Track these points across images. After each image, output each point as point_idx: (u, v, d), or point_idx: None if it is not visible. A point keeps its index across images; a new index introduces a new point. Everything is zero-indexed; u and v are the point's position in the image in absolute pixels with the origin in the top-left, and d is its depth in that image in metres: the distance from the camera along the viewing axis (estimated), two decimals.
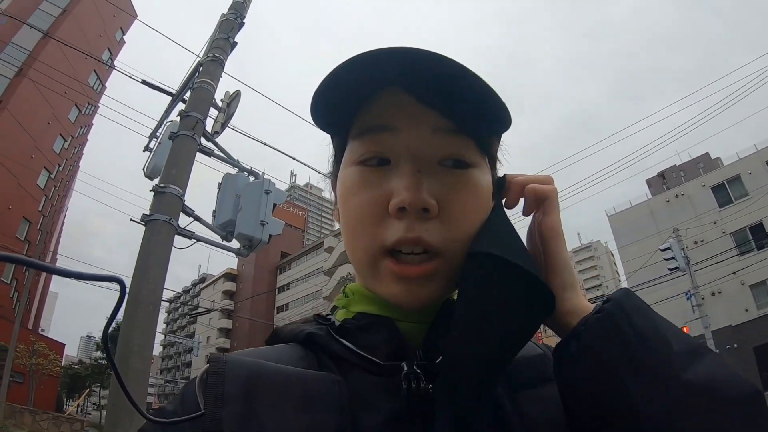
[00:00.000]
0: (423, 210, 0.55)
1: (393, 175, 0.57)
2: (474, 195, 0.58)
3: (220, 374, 0.51)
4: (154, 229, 4.33)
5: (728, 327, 22.60)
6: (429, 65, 0.53)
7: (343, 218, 0.62)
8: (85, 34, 30.67)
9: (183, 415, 0.51)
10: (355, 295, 0.65)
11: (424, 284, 0.56)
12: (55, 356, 28.09)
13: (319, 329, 0.62)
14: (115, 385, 3.77)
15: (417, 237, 0.55)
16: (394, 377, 0.54)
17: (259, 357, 0.56)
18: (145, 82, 6.20)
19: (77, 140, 36.50)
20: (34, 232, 28.89)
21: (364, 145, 0.59)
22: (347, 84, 0.56)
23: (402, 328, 0.59)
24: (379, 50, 0.53)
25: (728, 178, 25.73)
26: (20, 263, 0.39)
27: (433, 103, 0.57)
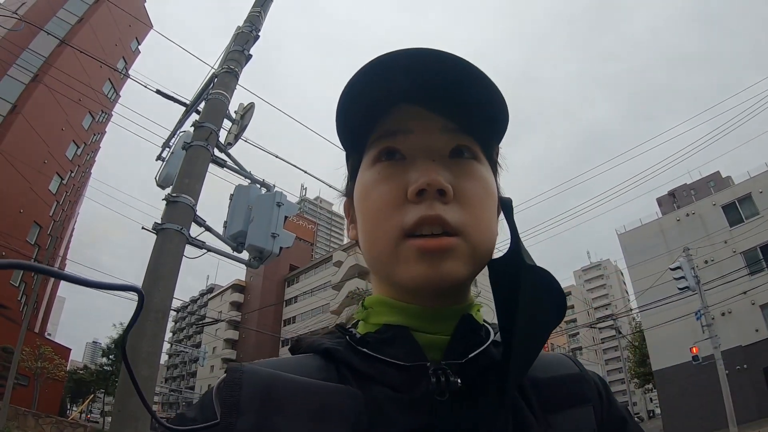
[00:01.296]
0: (439, 193, 0.57)
1: (409, 168, 0.60)
2: (482, 184, 0.62)
3: (236, 384, 0.52)
4: (166, 238, 4.35)
5: (738, 347, 22.33)
6: (434, 70, 0.57)
7: (362, 216, 0.64)
8: (100, 43, 31.09)
9: (201, 422, 0.52)
10: (374, 306, 0.65)
11: (445, 259, 0.57)
12: (61, 361, 28.19)
13: (339, 343, 0.62)
14: (121, 391, 3.77)
15: (437, 215, 0.56)
16: (413, 390, 0.55)
17: (277, 367, 0.57)
18: (159, 92, 6.27)
19: (90, 147, 36.84)
20: (45, 236, 29.09)
21: (381, 146, 0.62)
22: (361, 105, 0.60)
23: (422, 341, 0.60)
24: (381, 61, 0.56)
25: (739, 197, 25.54)
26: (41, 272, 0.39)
27: (440, 110, 0.61)
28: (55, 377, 27.55)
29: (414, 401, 0.54)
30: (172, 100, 6.23)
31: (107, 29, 33.33)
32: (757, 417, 20.51)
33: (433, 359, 0.58)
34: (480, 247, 0.59)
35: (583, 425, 0.60)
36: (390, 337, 0.60)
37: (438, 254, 0.56)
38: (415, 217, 0.57)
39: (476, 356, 0.59)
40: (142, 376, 3.82)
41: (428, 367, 0.56)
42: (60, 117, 29.67)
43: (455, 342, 0.60)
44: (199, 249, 4.84)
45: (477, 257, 0.59)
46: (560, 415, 0.59)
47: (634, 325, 39.18)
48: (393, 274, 0.60)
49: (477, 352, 0.60)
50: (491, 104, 0.60)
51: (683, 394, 23.83)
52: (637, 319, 35.62)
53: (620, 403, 0.69)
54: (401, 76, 0.57)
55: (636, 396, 59.13)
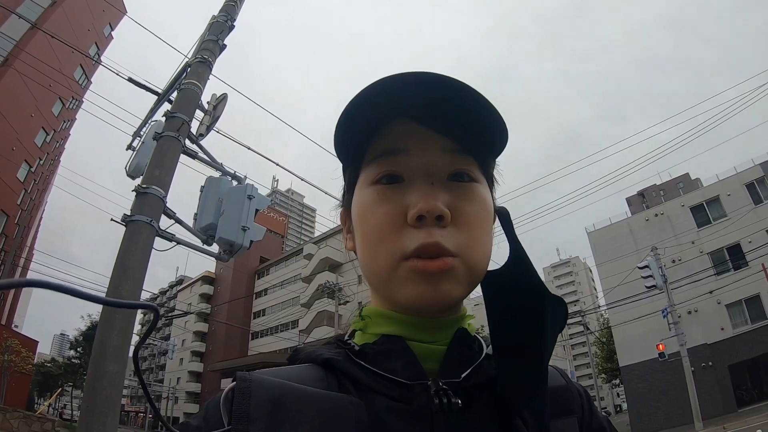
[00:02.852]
0: (438, 218, 0.58)
1: (408, 191, 0.61)
2: (480, 206, 0.64)
3: (246, 393, 0.53)
4: (135, 229, 4.27)
5: (704, 345, 22.92)
6: (435, 91, 0.59)
7: (361, 235, 0.65)
8: (73, 28, 30.31)
9: (207, 431, 0.53)
10: (372, 317, 0.67)
11: (443, 280, 0.58)
12: (28, 353, 27.62)
13: (338, 354, 0.64)
14: (90, 386, 3.69)
15: (436, 242, 0.58)
16: (413, 402, 0.57)
17: (281, 377, 0.58)
18: (131, 80, 6.14)
19: (60, 134, 35.98)
20: (12, 225, 28.41)
21: (379, 166, 0.63)
22: (361, 118, 0.61)
23: (418, 352, 0.62)
24: (389, 80, 0.58)
25: (707, 199, 26.17)
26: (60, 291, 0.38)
27: (439, 128, 0.62)
28: (22, 371, 26.98)
29: (413, 411, 0.56)
30: (144, 88, 6.11)
31: (80, 14, 32.50)
32: (722, 413, 21.10)
33: (429, 369, 0.60)
34: (475, 268, 0.62)
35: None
36: (387, 349, 0.62)
37: (436, 275, 0.58)
38: (415, 244, 0.58)
39: (471, 371, 0.61)
40: (111, 371, 3.74)
41: (429, 387, 0.57)
42: (29, 103, 28.89)
43: (451, 355, 0.62)
44: (169, 241, 4.78)
45: (472, 277, 0.62)
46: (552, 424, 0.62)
47: (602, 322, 39.85)
48: (392, 293, 0.62)
49: (472, 369, 0.62)
50: (490, 125, 0.62)
51: (650, 390, 24.39)
52: (605, 315, 36.24)
53: (601, 413, 0.72)
54: (403, 95, 0.58)
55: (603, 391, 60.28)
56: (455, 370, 0.61)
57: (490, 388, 0.62)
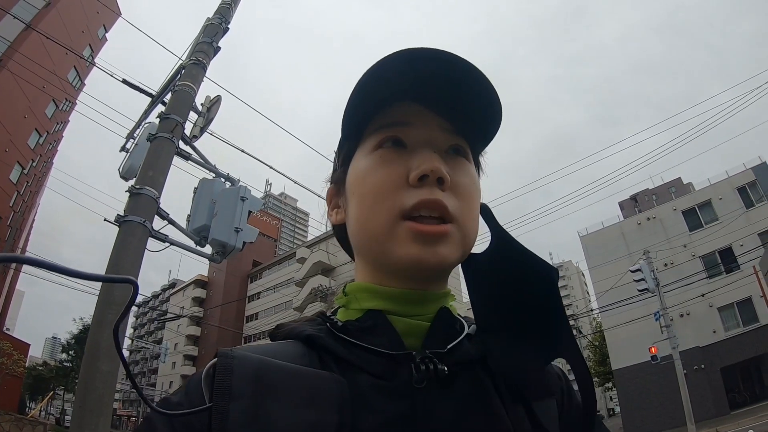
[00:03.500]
0: (438, 181, 0.61)
1: (411, 155, 0.63)
2: (473, 180, 0.67)
3: (228, 369, 0.52)
4: (128, 230, 4.28)
5: (696, 348, 23.01)
6: (436, 69, 0.61)
7: (359, 195, 0.65)
8: (67, 29, 30.18)
9: (188, 406, 0.52)
10: (356, 292, 0.68)
11: (441, 243, 0.60)
12: (20, 356, 27.34)
13: (320, 330, 0.64)
14: (83, 387, 3.69)
15: (438, 199, 0.60)
16: (394, 379, 0.57)
17: (264, 353, 0.58)
18: (125, 82, 6.14)
19: (53, 136, 35.77)
20: (4, 227, 28.21)
21: (382, 133, 0.65)
22: (366, 98, 0.63)
23: (401, 328, 0.62)
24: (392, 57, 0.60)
25: (699, 203, 26.31)
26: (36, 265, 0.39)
27: (439, 110, 0.65)
28: (13, 373, 26.72)
29: (395, 388, 0.56)
30: (138, 90, 6.11)
31: (74, 15, 32.36)
32: (714, 415, 21.19)
33: (411, 345, 0.61)
34: (469, 236, 0.64)
35: (548, 416, 0.64)
36: (370, 325, 0.62)
37: (434, 238, 0.60)
38: (416, 200, 0.60)
39: (453, 347, 0.62)
40: (103, 371, 3.74)
41: (414, 356, 0.58)
42: (23, 104, 28.71)
43: (434, 331, 0.63)
44: (162, 242, 4.78)
45: (466, 245, 0.64)
46: (527, 406, 0.62)
47: (595, 325, 39.90)
48: (387, 253, 0.62)
49: (455, 343, 0.62)
50: (488, 109, 0.65)
51: (642, 393, 24.43)
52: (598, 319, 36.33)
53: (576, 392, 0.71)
54: (407, 73, 0.61)
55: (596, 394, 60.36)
56: (438, 346, 0.61)
57: (470, 367, 0.62)
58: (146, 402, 0.54)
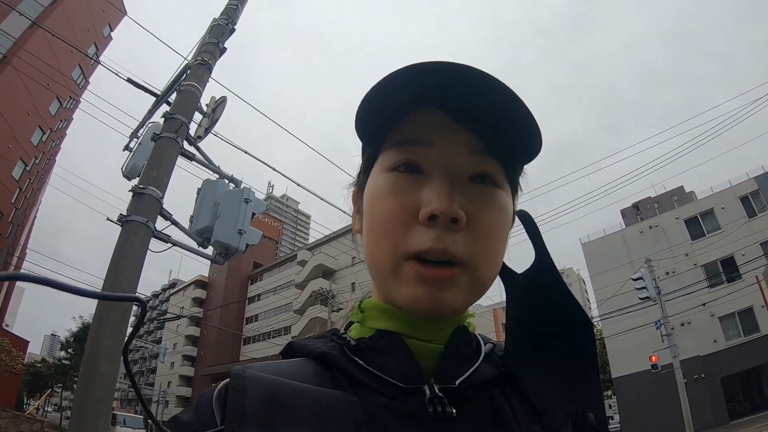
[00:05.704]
0: (452, 221, 0.55)
1: (425, 185, 0.58)
2: (500, 213, 0.61)
3: (240, 391, 0.51)
4: (131, 230, 4.26)
5: (696, 357, 22.97)
6: (468, 84, 0.55)
7: (368, 222, 0.63)
8: (72, 27, 30.26)
9: (198, 426, 0.52)
10: (372, 311, 0.65)
11: (447, 288, 0.57)
12: (18, 353, 27.32)
13: (333, 348, 0.62)
14: (82, 387, 3.67)
15: (444, 248, 0.55)
16: (409, 401, 0.55)
17: (275, 372, 0.57)
18: (130, 81, 6.14)
19: (56, 134, 35.85)
20: (6, 224, 28.22)
21: (399, 153, 0.60)
22: (388, 99, 0.58)
23: (415, 349, 0.60)
24: (421, 66, 0.55)
25: (701, 212, 26.30)
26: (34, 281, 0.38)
27: (468, 124, 0.59)
28: (12, 370, 26.70)
29: (409, 411, 0.55)
30: (143, 89, 6.10)
31: (80, 13, 32.46)
32: (714, 425, 21.15)
33: (426, 367, 0.59)
34: (482, 279, 0.60)
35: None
36: (384, 345, 0.60)
37: (439, 282, 0.56)
38: (424, 246, 0.56)
39: (467, 375, 0.60)
40: (102, 372, 3.72)
41: (424, 391, 0.56)
42: (27, 101, 28.78)
43: (449, 354, 0.61)
44: (165, 243, 4.76)
45: (477, 288, 0.60)
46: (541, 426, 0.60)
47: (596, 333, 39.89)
48: (391, 290, 0.60)
49: (469, 373, 0.60)
50: (524, 128, 0.58)
51: (642, 402, 24.39)
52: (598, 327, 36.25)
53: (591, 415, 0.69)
54: (436, 82, 0.56)
55: None
56: (452, 371, 0.59)
57: (485, 388, 0.60)
58: (156, 424, 0.52)
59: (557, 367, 0.62)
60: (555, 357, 0.62)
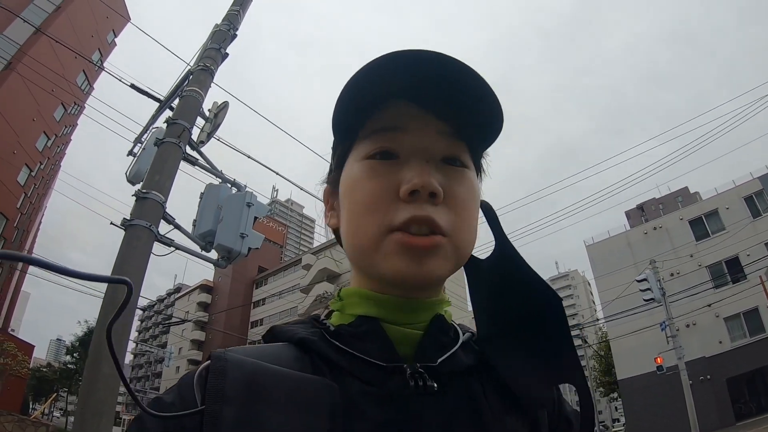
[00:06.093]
0: (431, 196, 0.58)
1: (402, 167, 0.61)
2: (470, 191, 0.64)
3: (221, 372, 0.52)
4: (134, 234, 4.29)
5: (702, 358, 22.86)
6: (434, 71, 0.58)
7: (348, 207, 0.64)
8: (76, 33, 30.42)
9: (180, 407, 0.52)
10: (351, 297, 0.66)
11: (430, 256, 0.58)
12: (24, 357, 27.41)
13: (313, 333, 0.63)
14: (85, 389, 3.70)
15: (427, 215, 0.58)
16: (385, 386, 0.57)
17: (256, 355, 0.58)
18: (134, 87, 6.19)
19: (61, 139, 36.00)
20: (11, 229, 28.35)
21: (374, 142, 0.63)
22: (362, 94, 0.61)
23: (393, 335, 0.61)
24: (392, 57, 0.57)
25: (706, 212, 26.21)
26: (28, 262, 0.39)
27: (435, 111, 0.62)
28: (17, 374, 26.80)
29: (385, 396, 0.56)
30: (146, 95, 6.16)
31: (84, 20, 32.63)
32: (719, 426, 21.03)
33: (404, 354, 0.60)
34: (462, 248, 0.62)
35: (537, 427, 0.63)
36: (363, 331, 0.61)
37: (423, 251, 0.58)
38: (406, 216, 0.58)
39: (447, 358, 0.61)
40: (106, 374, 3.75)
41: (405, 369, 0.57)
42: (32, 107, 28.93)
43: (427, 340, 0.62)
44: (168, 247, 4.79)
45: (459, 257, 0.62)
46: (516, 417, 0.62)
47: (600, 335, 39.68)
48: (375, 265, 0.61)
49: (448, 355, 0.62)
50: (488, 112, 0.62)
51: (647, 404, 24.28)
52: (603, 329, 36.16)
53: (570, 407, 0.72)
54: (403, 73, 0.58)
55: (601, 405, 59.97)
56: (431, 355, 0.60)
57: (462, 376, 0.62)
58: (138, 403, 0.53)
59: (533, 346, 0.63)
60: (529, 337, 0.64)
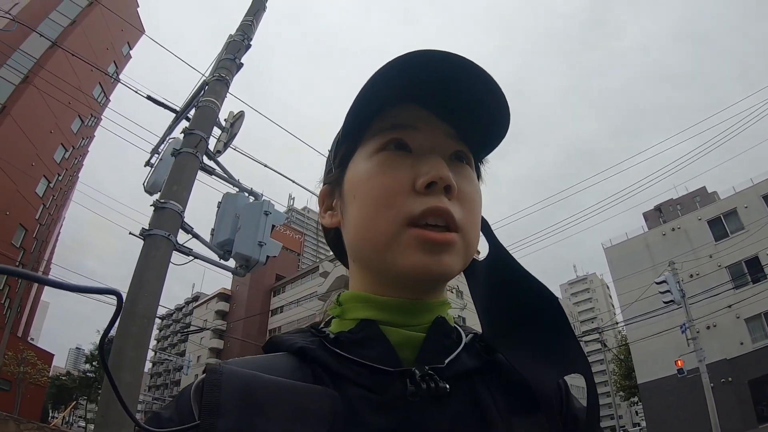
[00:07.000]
0: (446, 189, 0.59)
1: (417, 160, 0.61)
2: (476, 190, 0.66)
3: (216, 385, 0.52)
4: (153, 244, 4.34)
5: (723, 360, 22.50)
6: (444, 74, 0.59)
7: (362, 199, 0.62)
8: (92, 46, 30.89)
9: (178, 422, 0.52)
10: (350, 302, 0.66)
11: (446, 252, 0.58)
12: (44, 366, 27.77)
13: (312, 342, 0.62)
14: (105, 398, 3.75)
15: (445, 207, 0.58)
16: (386, 393, 0.56)
17: (254, 366, 0.57)
18: (150, 98, 6.26)
19: (78, 151, 36.52)
20: (30, 240, 28.78)
21: (386, 135, 0.63)
22: (373, 98, 0.61)
23: (394, 339, 0.60)
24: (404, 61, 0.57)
25: (724, 212, 25.84)
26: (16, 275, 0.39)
27: (443, 115, 0.63)
28: (37, 383, 27.15)
29: (388, 402, 0.55)
30: (163, 106, 6.23)
31: (99, 33, 33.14)
32: (742, 429, 20.66)
33: (405, 358, 0.59)
34: (471, 245, 0.63)
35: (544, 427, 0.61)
36: (363, 337, 0.61)
37: (440, 246, 0.58)
38: (424, 207, 0.58)
39: (451, 360, 0.61)
40: (125, 382, 3.79)
41: (414, 373, 0.56)
42: (49, 119, 29.41)
43: (429, 342, 0.61)
44: (186, 256, 4.83)
45: (468, 254, 0.63)
46: (522, 419, 0.60)
47: (620, 339, 39.24)
48: (389, 261, 0.60)
49: (453, 357, 0.61)
50: (494, 116, 0.63)
51: (668, 407, 23.94)
52: (623, 332, 35.77)
53: (579, 403, 0.70)
54: (412, 76, 0.59)
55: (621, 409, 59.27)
56: (434, 358, 0.60)
57: (467, 378, 0.61)
58: (134, 420, 0.53)
59: (538, 340, 0.64)
60: (533, 332, 0.65)
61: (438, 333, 0.63)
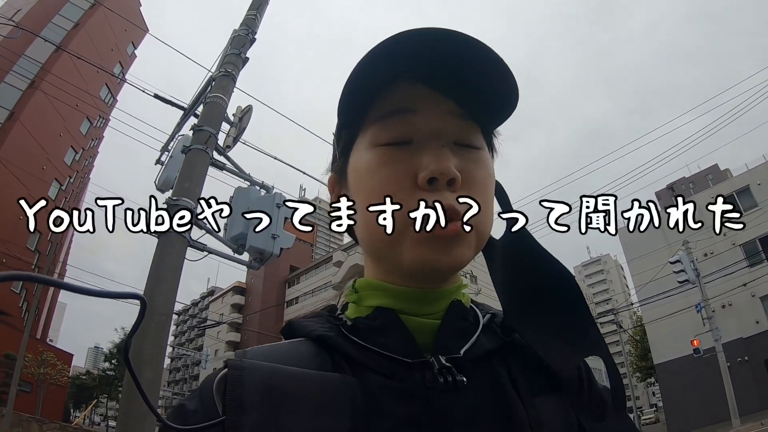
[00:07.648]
0: (449, 182, 0.57)
1: (418, 153, 0.59)
2: (487, 173, 0.64)
3: (238, 382, 0.52)
4: (167, 241, 4.37)
5: (739, 339, 22.34)
6: (443, 50, 0.57)
7: (366, 195, 0.61)
8: (96, 48, 31.03)
9: (202, 414, 0.53)
10: (366, 289, 0.66)
11: (455, 244, 0.58)
12: (63, 366, 28.14)
13: (330, 329, 0.62)
14: (126, 395, 3.80)
15: (451, 205, 0.56)
16: (406, 380, 0.56)
17: (273, 355, 0.59)
18: (157, 96, 6.29)
19: (88, 153, 36.80)
20: (45, 243, 29.07)
21: (386, 127, 0.61)
22: (370, 77, 0.59)
23: (411, 326, 0.60)
24: (395, 38, 0.56)
25: (737, 189, 25.56)
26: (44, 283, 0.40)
27: (445, 91, 0.61)
28: (57, 383, 27.53)
29: (407, 389, 0.55)
30: (170, 104, 6.25)
31: (103, 34, 33.26)
32: (759, 408, 20.53)
33: (423, 343, 0.59)
34: (483, 232, 0.61)
35: (563, 410, 0.61)
36: (381, 324, 0.61)
37: (447, 240, 0.57)
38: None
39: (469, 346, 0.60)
40: (146, 378, 3.85)
41: (432, 364, 0.56)
42: (58, 123, 29.64)
43: (445, 329, 0.61)
44: (200, 251, 4.87)
45: (480, 241, 0.62)
46: (544, 398, 0.60)
47: (635, 319, 39.02)
48: (397, 256, 0.59)
49: (469, 345, 0.60)
50: (501, 90, 0.61)
51: (685, 387, 23.84)
52: (638, 313, 35.58)
53: (600, 384, 0.70)
54: (409, 53, 0.57)
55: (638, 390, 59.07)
56: (450, 345, 0.59)
57: (485, 360, 0.61)
58: (157, 416, 0.54)
59: (556, 321, 0.65)
60: (552, 313, 0.65)
61: (454, 317, 0.62)
